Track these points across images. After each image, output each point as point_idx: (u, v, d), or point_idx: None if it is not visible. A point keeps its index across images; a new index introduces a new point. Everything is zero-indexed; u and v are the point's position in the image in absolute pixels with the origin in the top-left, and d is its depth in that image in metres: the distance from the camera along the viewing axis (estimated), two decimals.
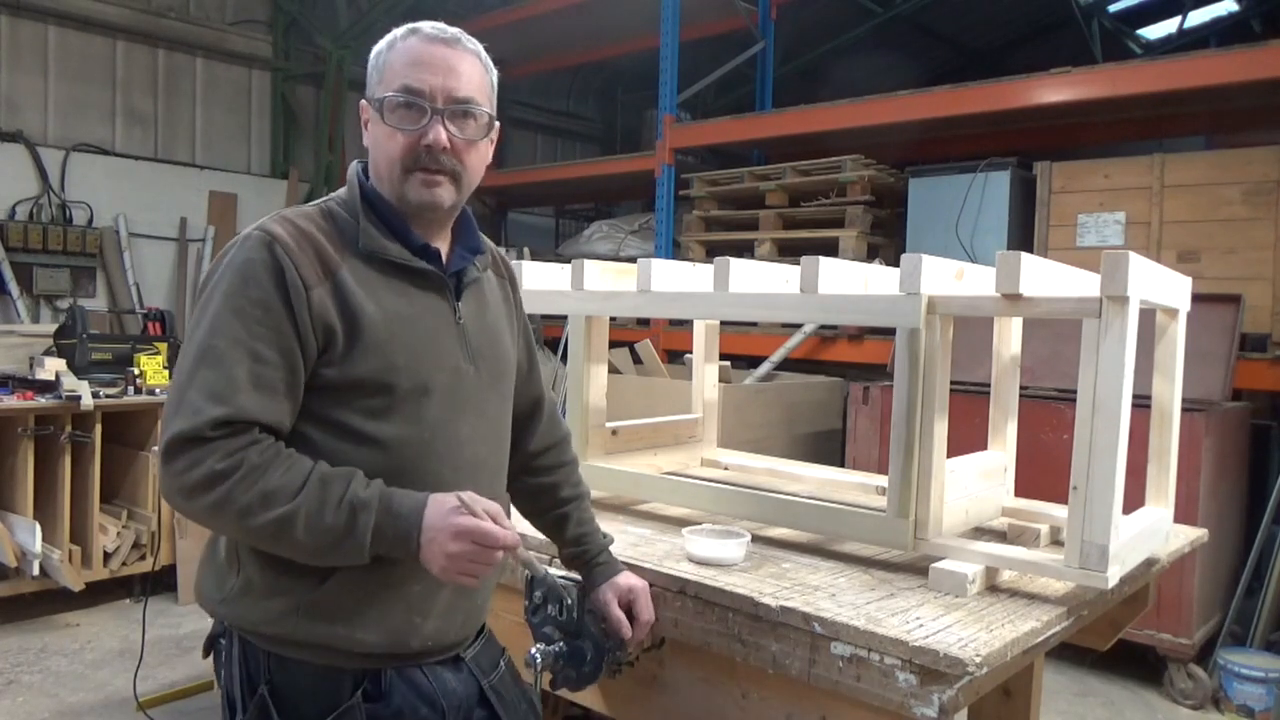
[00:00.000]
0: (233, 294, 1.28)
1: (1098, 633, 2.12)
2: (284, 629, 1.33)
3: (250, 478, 1.22)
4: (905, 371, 1.70)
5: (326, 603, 1.32)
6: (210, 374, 1.25)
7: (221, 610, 1.38)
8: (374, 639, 1.34)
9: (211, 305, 1.29)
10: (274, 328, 1.27)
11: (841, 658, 1.43)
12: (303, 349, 1.29)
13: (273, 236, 1.31)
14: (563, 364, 6.06)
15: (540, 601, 1.65)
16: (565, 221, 10.68)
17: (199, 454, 1.22)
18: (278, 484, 1.23)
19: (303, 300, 1.29)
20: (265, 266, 1.29)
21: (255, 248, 1.31)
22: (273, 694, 1.34)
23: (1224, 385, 3.88)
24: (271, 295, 1.28)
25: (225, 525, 1.29)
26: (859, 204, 5.53)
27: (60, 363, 4.33)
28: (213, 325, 1.28)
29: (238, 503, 1.22)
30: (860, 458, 4.56)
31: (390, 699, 1.36)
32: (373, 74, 1.41)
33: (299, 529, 1.23)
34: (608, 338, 2.31)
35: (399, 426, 1.34)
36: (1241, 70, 4.22)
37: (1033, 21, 10.32)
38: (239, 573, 1.35)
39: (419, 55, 1.36)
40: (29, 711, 3.37)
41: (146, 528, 4.40)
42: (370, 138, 1.41)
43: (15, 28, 6.73)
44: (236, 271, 1.30)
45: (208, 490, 1.22)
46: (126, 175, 7.20)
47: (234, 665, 1.38)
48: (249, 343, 1.26)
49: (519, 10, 7.70)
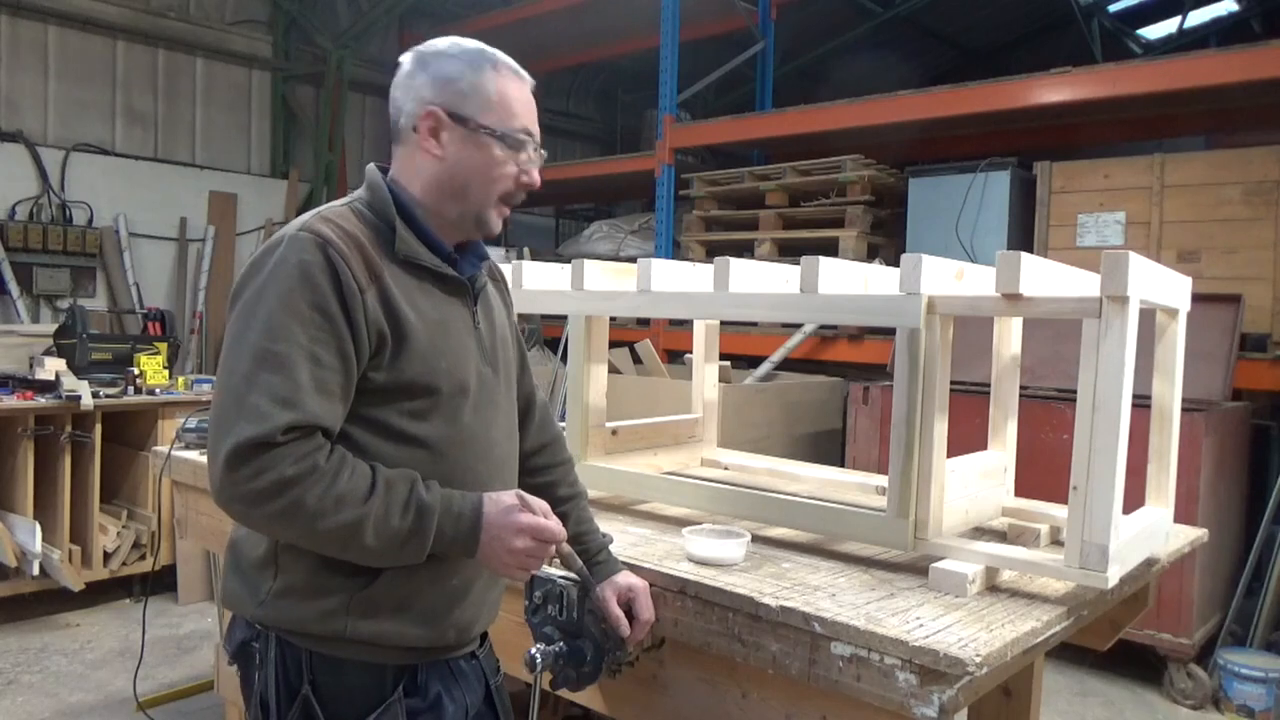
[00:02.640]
0: (289, 296, 1.27)
1: (1098, 633, 2.12)
2: (333, 627, 1.33)
3: (322, 483, 1.23)
4: (905, 371, 1.70)
5: (377, 598, 1.34)
6: (274, 378, 1.23)
7: (260, 613, 1.37)
8: (419, 632, 1.38)
9: (264, 306, 1.27)
10: (333, 331, 1.28)
11: (841, 658, 1.43)
12: (357, 352, 1.30)
13: (323, 238, 1.31)
14: (563, 364, 6.06)
15: (540, 601, 1.65)
16: (565, 221, 10.68)
17: (268, 460, 1.21)
18: (346, 489, 1.24)
19: (358, 303, 1.30)
20: (321, 269, 1.29)
21: (308, 249, 1.30)
22: (316, 693, 1.35)
23: (1224, 385, 3.88)
24: (329, 298, 1.28)
25: (290, 530, 1.27)
26: (859, 204, 5.54)
27: (60, 363, 4.33)
28: (270, 328, 1.26)
29: (309, 508, 1.22)
30: (860, 458, 4.56)
31: (427, 692, 1.41)
32: (473, 95, 1.40)
33: (368, 533, 1.25)
34: (608, 338, 2.31)
35: (438, 427, 1.38)
36: (1241, 70, 4.22)
37: (1033, 21, 10.32)
38: (277, 575, 1.36)
39: (524, 96, 1.46)
40: (29, 711, 3.37)
41: (146, 528, 4.40)
42: (454, 153, 1.41)
43: (15, 28, 6.73)
44: (291, 273, 1.28)
45: (277, 496, 1.21)
46: (126, 175, 7.19)
47: (270, 668, 1.37)
48: (309, 346, 1.26)
49: (519, 10, 7.71)
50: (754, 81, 7.70)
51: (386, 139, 1.53)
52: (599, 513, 1.92)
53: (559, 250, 8.54)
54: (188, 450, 2.86)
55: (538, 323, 6.61)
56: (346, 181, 8.44)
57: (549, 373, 6.01)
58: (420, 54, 1.44)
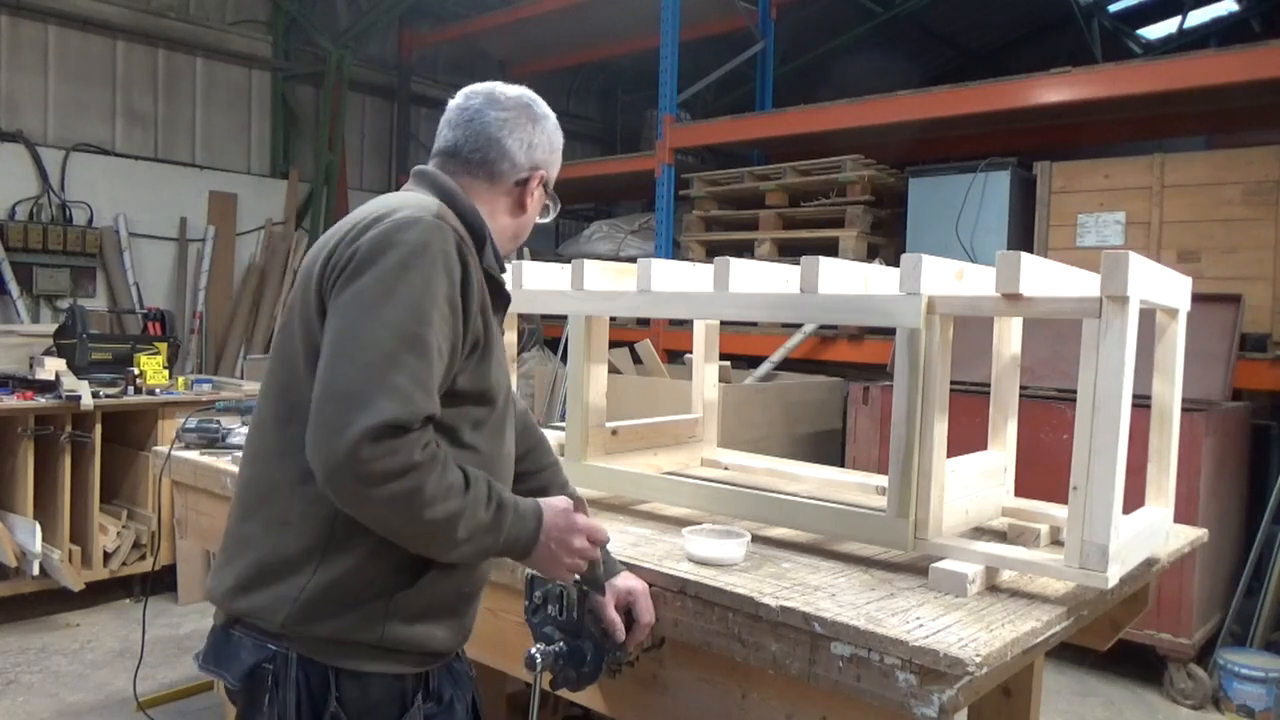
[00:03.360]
0: (433, 282, 1.27)
1: (1098, 633, 2.12)
2: (370, 633, 1.32)
3: (440, 472, 1.25)
4: (905, 371, 1.70)
5: (415, 600, 1.35)
6: (418, 363, 1.23)
7: (291, 626, 1.31)
8: (444, 635, 1.41)
9: (408, 286, 1.25)
10: (454, 327, 1.31)
11: (841, 658, 1.43)
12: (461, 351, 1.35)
13: (458, 234, 1.35)
14: (563, 364, 6.06)
15: (540, 601, 1.65)
16: (565, 221, 10.67)
17: (404, 443, 1.20)
18: (455, 479, 1.27)
19: (475, 303, 1.34)
20: (456, 263, 1.32)
21: (448, 239, 1.32)
22: (345, 712, 1.32)
23: (1224, 385, 3.88)
24: (458, 294, 1.31)
25: (399, 515, 1.23)
26: (859, 204, 5.54)
27: (60, 363, 4.33)
28: (418, 311, 1.25)
29: (426, 494, 1.22)
30: (860, 458, 4.56)
31: (441, 696, 1.44)
32: (552, 154, 1.58)
33: (463, 524, 1.27)
34: (608, 338, 2.30)
35: (487, 438, 1.44)
36: (1241, 70, 4.22)
37: (1033, 21, 10.31)
38: (317, 570, 1.31)
39: None
40: (29, 711, 3.37)
41: (146, 528, 4.40)
42: (533, 212, 1.58)
43: (15, 28, 6.73)
44: (435, 259, 1.28)
45: (402, 478, 1.20)
46: (126, 175, 7.19)
47: (291, 690, 1.32)
48: (441, 340, 1.28)
49: (519, 10, 7.70)
50: (754, 81, 7.70)
51: (387, 139, 1.57)
52: (599, 513, 1.92)
53: (559, 250, 8.53)
54: (188, 450, 2.86)
55: (538, 323, 6.60)
56: (346, 181, 8.44)
57: (549, 373, 6.01)
58: (531, 106, 1.53)
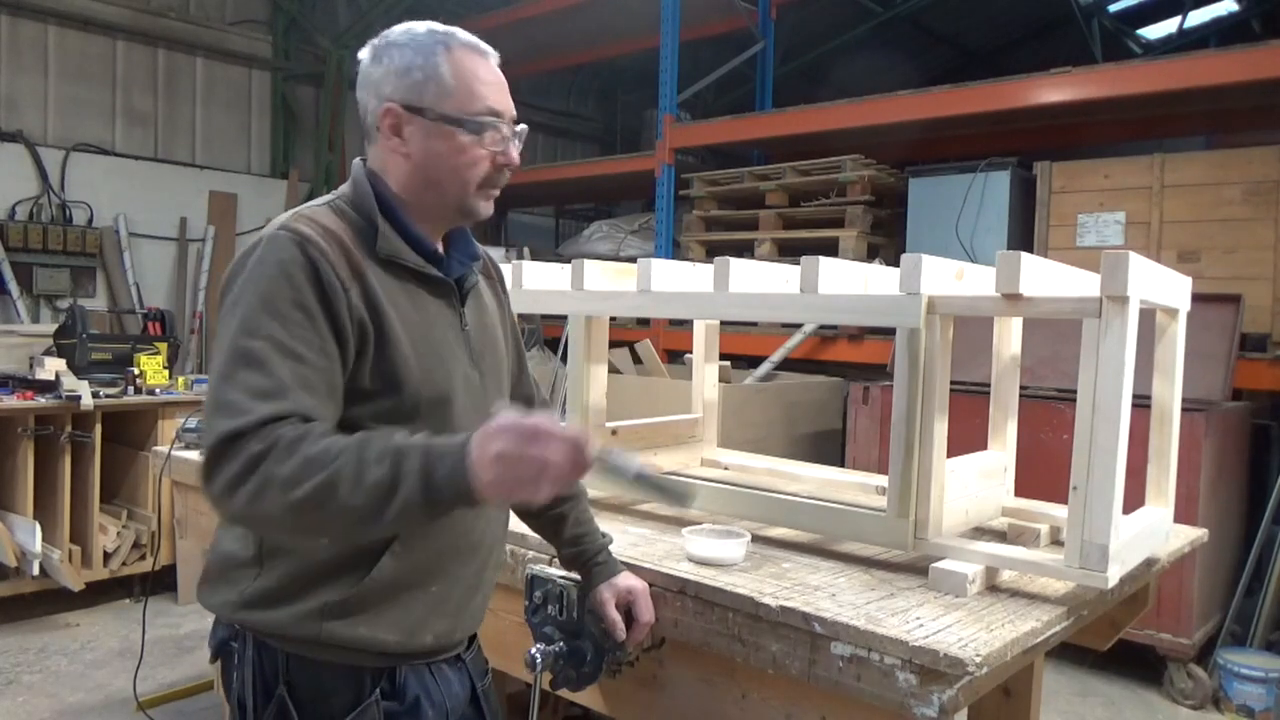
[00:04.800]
0: (268, 295, 1.24)
1: (1098, 633, 2.12)
2: (306, 631, 1.32)
3: (287, 450, 1.14)
4: (905, 371, 1.70)
5: (353, 604, 1.32)
6: (252, 375, 1.19)
7: (239, 615, 1.36)
8: (394, 639, 1.36)
9: (243, 307, 1.24)
10: (315, 330, 1.24)
11: (841, 658, 1.43)
12: (342, 351, 1.27)
13: (302, 236, 1.27)
14: (563, 364, 6.06)
15: (540, 601, 1.65)
16: (565, 221, 10.68)
17: (239, 447, 1.15)
18: (317, 451, 1.14)
19: (341, 300, 1.26)
20: (300, 266, 1.25)
21: (286, 247, 1.26)
22: (291, 695, 1.34)
23: (1224, 385, 3.88)
24: (309, 296, 1.25)
25: (271, 511, 1.16)
26: (859, 204, 5.53)
27: (60, 363, 4.33)
28: (248, 326, 1.22)
29: (279, 477, 1.13)
30: (860, 458, 4.56)
31: (404, 695, 1.38)
32: (429, 84, 1.34)
33: (343, 491, 1.12)
34: (608, 338, 2.30)
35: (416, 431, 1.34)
36: (1241, 70, 4.21)
37: (1033, 21, 10.31)
38: (255, 577, 1.34)
39: (487, 74, 1.37)
40: (29, 711, 3.37)
41: (146, 528, 4.40)
42: (423, 148, 1.36)
43: (15, 28, 6.73)
44: (269, 272, 1.25)
45: (249, 475, 1.14)
46: (126, 175, 7.19)
47: (247, 668, 1.36)
48: (289, 344, 1.22)
49: (519, 10, 7.70)
50: (754, 81, 7.69)
51: None
52: (599, 513, 1.92)
53: (559, 250, 8.53)
54: (188, 450, 2.86)
55: (538, 323, 6.60)
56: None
57: (549, 373, 6.01)
58: (375, 46, 1.39)
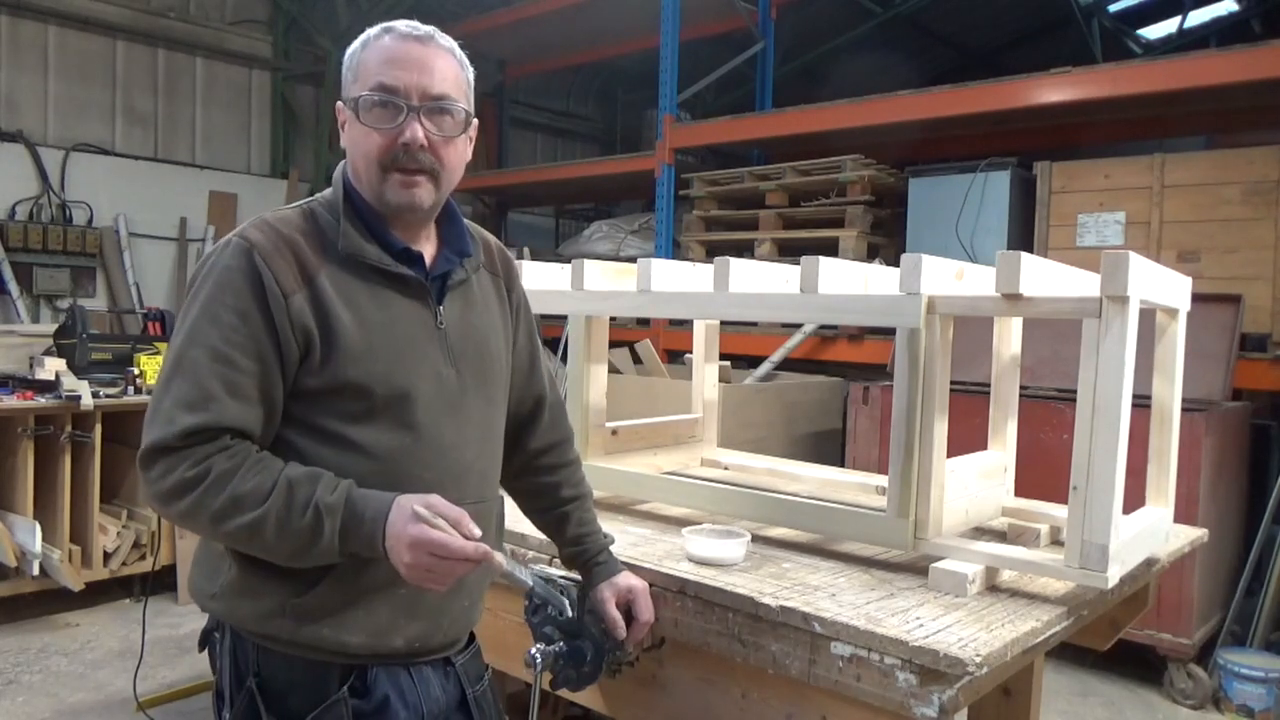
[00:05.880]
0: (210, 302, 1.29)
1: (1098, 633, 2.12)
2: (271, 628, 1.34)
3: (220, 484, 1.24)
4: (905, 371, 1.70)
5: (312, 605, 1.33)
6: (184, 384, 1.26)
7: (212, 605, 1.40)
8: (358, 641, 1.35)
9: (190, 314, 1.31)
10: (250, 335, 1.28)
11: (841, 658, 1.43)
12: (282, 357, 1.30)
13: (251, 244, 1.31)
14: (563, 364, 6.06)
15: (540, 602, 1.65)
16: (565, 221, 10.68)
17: (171, 462, 1.24)
18: (247, 489, 1.24)
19: (282, 308, 1.29)
20: (243, 274, 1.29)
21: (234, 255, 1.31)
22: (260, 687, 1.36)
23: (1224, 385, 3.88)
24: (249, 303, 1.29)
25: (201, 530, 1.32)
26: (859, 204, 5.53)
27: (60, 363, 4.33)
28: (189, 334, 1.29)
29: (209, 509, 1.24)
30: (860, 458, 4.56)
31: (373, 695, 1.37)
32: (347, 74, 1.40)
33: (269, 533, 1.24)
34: (608, 338, 2.30)
35: (381, 432, 1.34)
36: (1241, 70, 4.21)
37: (1033, 21, 10.32)
38: (229, 569, 1.36)
39: (393, 53, 1.36)
40: (29, 711, 3.37)
41: (146, 528, 4.40)
42: (347, 138, 1.40)
43: (15, 28, 6.73)
44: (215, 280, 1.31)
45: (180, 497, 1.24)
46: (126, 175, 7.20)
47: (224, 658, 1.40)
48: (224, 350, 1.27)
49: (519, 10, 7.70)
50: (754, 81, 7.69)
51: None
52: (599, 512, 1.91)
53: (559, 250, 8.53)
54: None
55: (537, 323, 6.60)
56: None
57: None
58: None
